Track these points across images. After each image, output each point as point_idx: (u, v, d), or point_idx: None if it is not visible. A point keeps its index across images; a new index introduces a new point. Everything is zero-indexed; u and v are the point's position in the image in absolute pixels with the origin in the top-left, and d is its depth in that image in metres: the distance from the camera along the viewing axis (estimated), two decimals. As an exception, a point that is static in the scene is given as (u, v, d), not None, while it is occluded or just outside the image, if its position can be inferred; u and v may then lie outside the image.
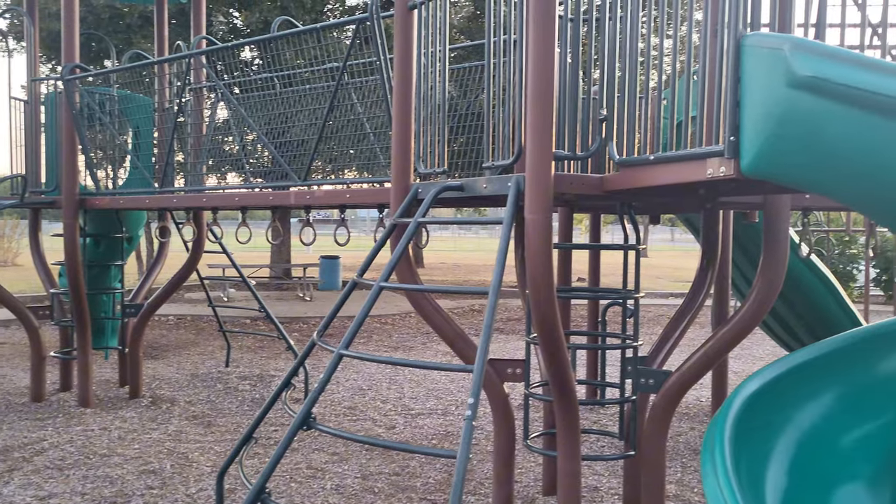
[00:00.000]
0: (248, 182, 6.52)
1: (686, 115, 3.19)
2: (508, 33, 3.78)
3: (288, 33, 5.25)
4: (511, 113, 3.71)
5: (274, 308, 13.24)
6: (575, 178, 3.63)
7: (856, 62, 2.27)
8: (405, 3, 4.31)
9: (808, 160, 2.41)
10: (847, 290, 16.29)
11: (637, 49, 3.40)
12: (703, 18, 3.07)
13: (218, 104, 6.96)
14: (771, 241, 4.06)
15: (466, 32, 15.86)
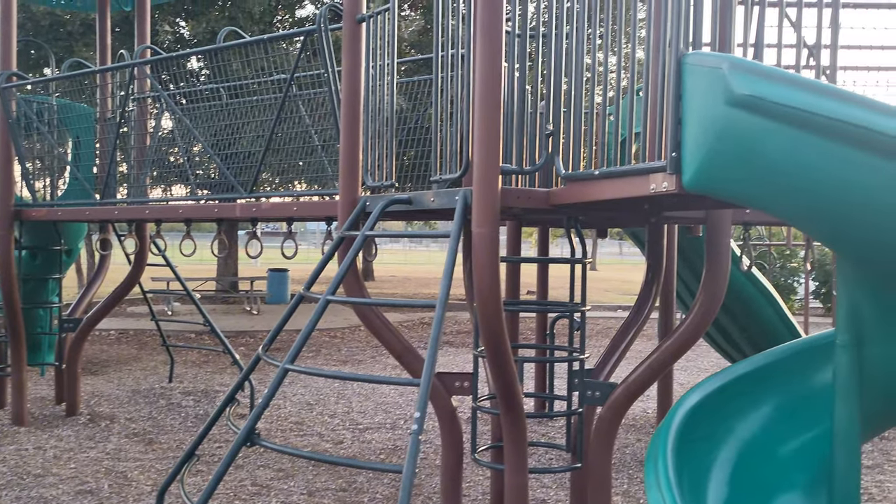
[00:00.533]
0: (193, 194, 6.41)
1: (630, 132, 3.24)
2: (457, 48, 3.80)
3: (235, 44, 5.19)
4: (459, 127, 3.72)
5: (220, 322, 13.02)
6: (522, 192, 3.65)
7: (791, 82, 2.33)
8: (353, 16, 4.31)
9: (746, 176, 2.47)
10: (788, 303, 16.72)
11: (583, 65, 3.44)
12: (647, 37, 3.13)
13: (163, 114, 6.84)
14: (713, 255, 4.14)
15: (417, 46, 15.90)
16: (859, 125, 2.22)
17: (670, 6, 2.84)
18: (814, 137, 2.27)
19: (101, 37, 7.91)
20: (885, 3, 4.66)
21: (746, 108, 2.34)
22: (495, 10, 3.42)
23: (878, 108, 2.26)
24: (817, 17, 3.77)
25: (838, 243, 2.72)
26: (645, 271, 4.74)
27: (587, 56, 3.42)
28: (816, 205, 2.42)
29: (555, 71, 3.59)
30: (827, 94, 2.29)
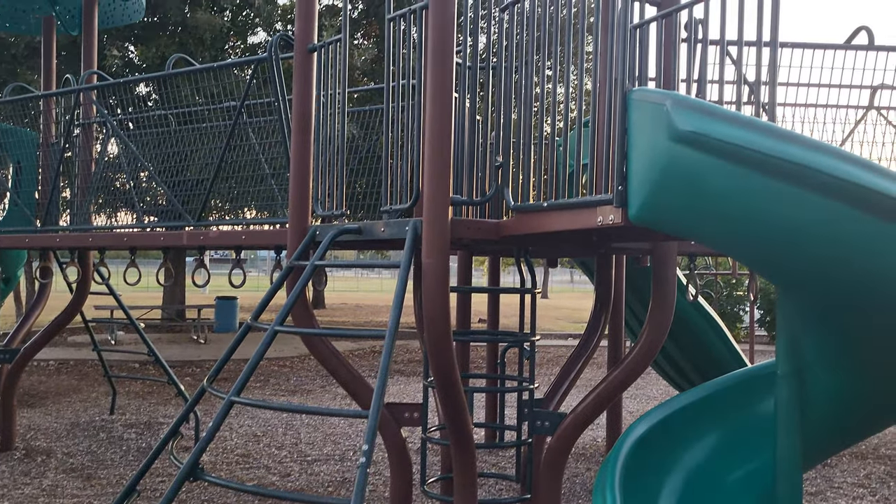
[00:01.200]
0: (139, 220, 6.29)
1: (578, 164, 3.30)
2: (408, 78, 3.83)
3: (184, 71, 5.14)
4: (409, 158, 3.74)
5: (165, 351, 12.74)
6: (472, 223, 3.68)
7: (732, 119, 2.40)
8: (305, 46, 4.31)
9: (689, 210, 2.53)
10: (734, 331, 17.05)
11: (532, 97, 3.50)
12: (594, 72, 3.20)
13: (109, 140, 6.72)
14: (659, 285, 4.20)
15: (370, 74, 15.95)
16: (796, 162, 2.30)
17: (616, 42, 2.91)
18: (753, 173, 2.34)
19: (47, 61, 7.75)
20: (820, 45, 4.85)
21: (689, 144, 2.40)
22: (446, 41, 3.46)
23: (813, 146, 2.34)
24: (756, 56, 3.88)
25: (777, 276, 2.79)
26: (594, 301, 4.79)
27: (536, 87, 3.48)
28: (756, 239, 2.48)
29: (504, 102, 3.64)
30: (765, 131, 2.36)
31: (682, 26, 3.73)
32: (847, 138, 5.11)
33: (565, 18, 3.31)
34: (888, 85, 4.98)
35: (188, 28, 14.11)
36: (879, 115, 5.10)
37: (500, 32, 3.78)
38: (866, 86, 5.00)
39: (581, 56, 3.34)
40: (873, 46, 4.85)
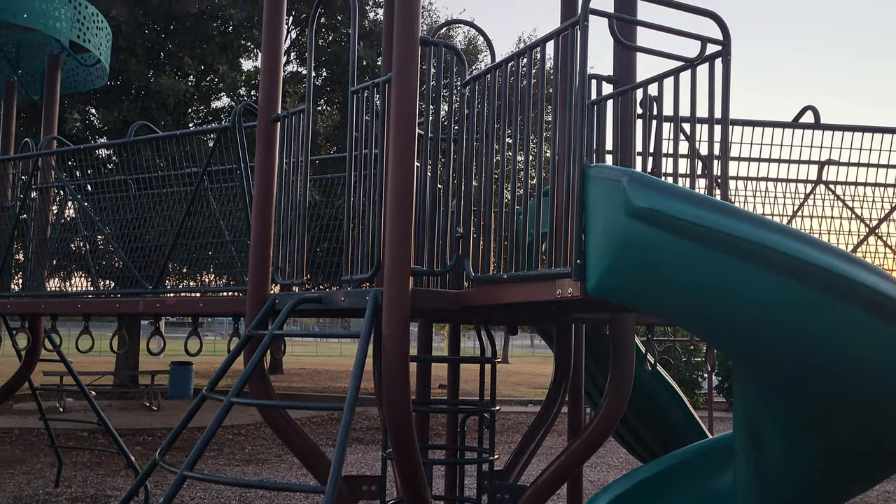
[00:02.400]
0: (95, 285, 6.17)
1: (537, 233, 3.34)
2: (370, 147, 3.87)
3: (146, 139, 5.14)
4: (371, 227, 3.75)
5: (116, 419, 12.36)
6: (432, 293, 3.69)
7: (685, 197, 2.47)
8: (268, 116, 4.34)
9: (645, 284, 2.57)
10: (693, 398, 17.14)
11: (492, 165, 3.56)
12: (552, 147, 3.27)
13: (66, 203, 6.63)
14: (618, 356, 4.23)
15: (333, 140, 16.10)
16: (747, 239, 2.36)
17: (574, 118, 2.98)
18: (705, 250, 2.40)
19: (6, 124, 7.69)
20: (769, 123, 5.05)
21: (644, 220, 2.46)
22: (408, 115, 3.51)
23: (762, 223, 2.42)
24: (709, 132, 4.01)
25: (732, 351, 2.84)
26: (554, 369, 4.80)
27: (497, 155, 3.54)
28: (709, 314, 2.53)
29: (465, 171, 3.70)
30: (718, 209, 2.43)
31: (637, 103, 3.86)
32: (797, 211, 5.26)
33: (525, 89, 3.40)
34: (834, 161, 5.18)
35: (151, 93, 14.14)
36: (828, 188, 5.28)
37: (461, 102, 3.86)
38: (814, 161, 5.20)
39: (540, 126, 3.42)
40: (819, 125, 5.06)
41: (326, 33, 16.88)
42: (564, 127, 3.08)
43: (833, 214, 5.25)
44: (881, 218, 5.24)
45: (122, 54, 13.66)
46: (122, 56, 13.61)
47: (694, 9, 3.11)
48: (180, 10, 14.01)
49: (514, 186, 3.49)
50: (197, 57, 14.91)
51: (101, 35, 6.92)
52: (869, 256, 5.25)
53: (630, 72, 4.11)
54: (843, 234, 5.23)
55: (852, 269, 2.34)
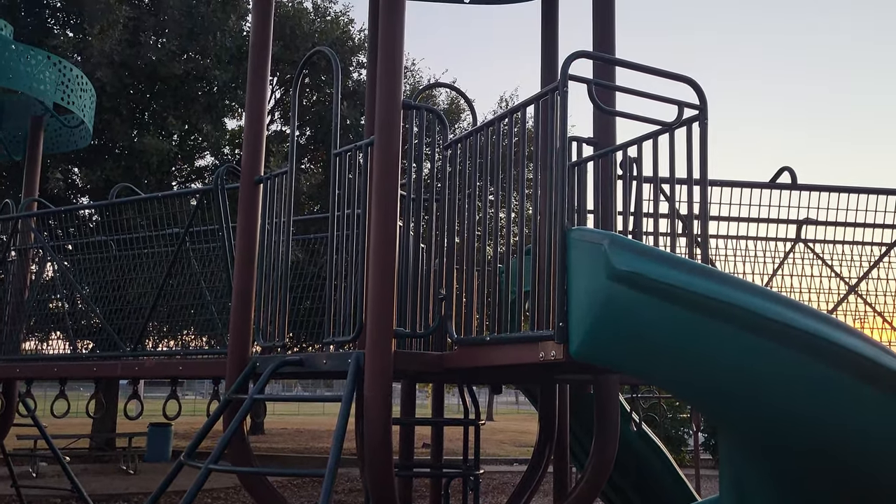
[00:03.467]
0: (72, 345, 6.07)
1: (520, 291, 3.34)
2: (353, 207, 3.87)
3: (128, 200, 5.13)
4: (353, 287, 3.73)
5: (91, 484, 12.03)
6: (415, 356, 3.65)
7: (666, 260, 2.48)
8: (251, 178, 4.36)
9: (628, 347, 2.56)
10: (679, 455, 16.98)
11: (475, 223, 3.57)
12: (533, 210, 3.29)
13: (45, 263, 6.57)
14: (603, 416, 4.19)
15: (316, 198, 16.14)
16: (727, 302, 2.37)
17: (555, 180, 3.00)
18: (687, 312, 2.40)
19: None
20: (747, 183, 5.13)
21: (626, 283, 2.46)
22: (390, 177, 3.53)
23: (741, 286, 2.43)
24: (688, 192, 4.06)
25: (716, 414, 2.82)
26: (538, 430, 4.74)
27: (479, 213, 3.56)
28: (692, 376, 2.52)
29: (447, 231, 3.70)
30: (698, 272, 2.45)
31: (617, 164, 3.91)
32: (777, 270, 5.31)
33: (506, 149, 3.43)
34: (812, 220, 5.25)
35: (135, 152, 14.18)
36: (807, 247, 5.34)
37: (443, 162, 3.89)
38: (793, 220, 5.26)
39: (522, 183, 3.45)
40: (796, 185, 5.14)
41: (310, 93, 17.09)
42: (545, 187, 3.10)
43: (813, 273, 5.30)
44: (860, 276, 5.29)
45: (107, 114, 13.73)
46: (105, 116, 13.68)
47: (671, 74, 3.18)
48: (165, 71, 14.16)
49: (497, 244, 3.50)
50: (181, 117, 15.01)
51: (86, 97, 6.96)
52: (850, 314, 5.29)
53: (610, 133, 4.17)
54: (824, 293, 5.27)
55: (833, 331, 2.35)
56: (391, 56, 3.56)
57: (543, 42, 5.55)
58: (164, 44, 14.39)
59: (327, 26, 16.83)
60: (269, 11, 4.62)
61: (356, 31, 17.45)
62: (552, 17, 5.59)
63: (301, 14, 16.49)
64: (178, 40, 14.47)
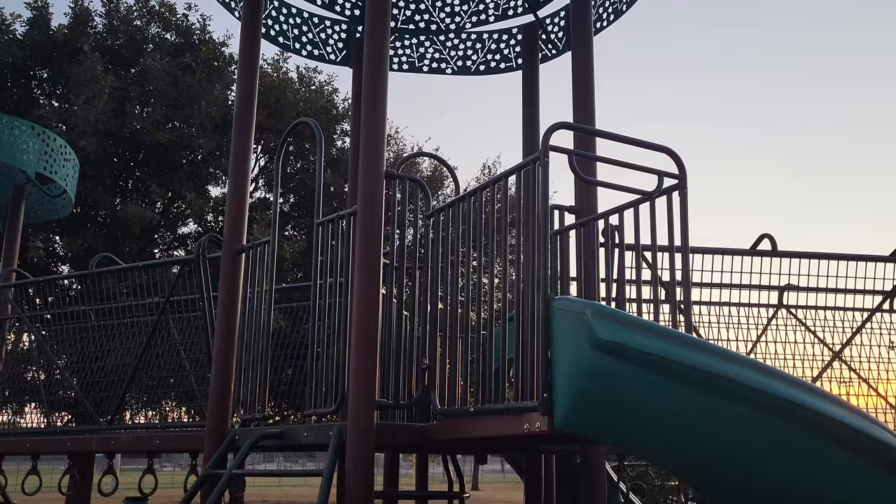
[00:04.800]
0: (47, 418, 5.92)
1: (504, 358, 3.30)
2: (335, 277, 3.85)
3: (109, 270, 5.08)
4: (335, 357, 3.68)
5: (64, 562, 11.53)
6: (398, 427, 3.59)
7: (649, 330, 2.47)
8: (233, 247, 4.34)
9: (612, 418, 2.53)
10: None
11: (458, 294, 3.55)
12: (516, 277, 3.28)
13: (22, 335, 6.45)
14: (589, 488, 4.11)
15: (299, 265, 16.09)
16: (711, 372, 2.35)
17: (538, 249, 3.00)
18: (670, 382, 2.38)
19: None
20: (728, 250, 5.17)
21: (610, 353, 2.44)
22: (373, 247, 3.53)
23: (725, 356, 2.42)
24: (670, 260, 4.07)
25: (701, 484, 2.77)
26: (524, 501, 4.63)
27: (462, 280, 3.54)
28: (677, 448, 2.48)
29: (430, 299, 3.68)
30: (682, 342, 2.43)
31: (599, 231, 3.93)
32: (761, 336, 5.32)
33: (489, 215, 3.44)
34: (794, 286, 5.28)
35: (117, 220, 14.14)
36: (789, 313, 5.36)
37: (425, 232, 3.89)
38: (774, 286, 5.29)
39: (504, 249, 3.45)
40: (777, 252, 5.19)
41: (294, 161, 17.21)
42: (528, 255, 3.10)
43: (796, 339, 5.31)
44: (844, 342, 5.30)
45: (90, 183, 13.73)
46: (89, 184, 13.68)
47: (650, 145, 3.22)
48: (150, 140, 14.24)
49: (480, 309, 3.48)
50: (165, 185, 15.05)
51: (69, 166, 6.96)
52: (834, 381, 5.28)
53: (591, 200, 4.21)
54: (808, 359, 5.27)
55: (817, 401, 2.33)
56: (374, 127, 3.60)
57: (525, 110, 5.65)
58: (149, 113, 14.51)
59: (312, 95, 17.06)
60: (253, 81, 4.68)
61: (340, 99, 17.71)
62: (533, 87, 5.71)
63: (286, 84, 16.73)
64: (164, 109, 14.61)
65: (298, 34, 5.98)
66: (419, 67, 6.26)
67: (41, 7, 15.20)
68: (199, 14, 16.69)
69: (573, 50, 4.56)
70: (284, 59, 17.26)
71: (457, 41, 6.23)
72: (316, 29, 6.04)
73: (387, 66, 3.70)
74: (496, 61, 6.22)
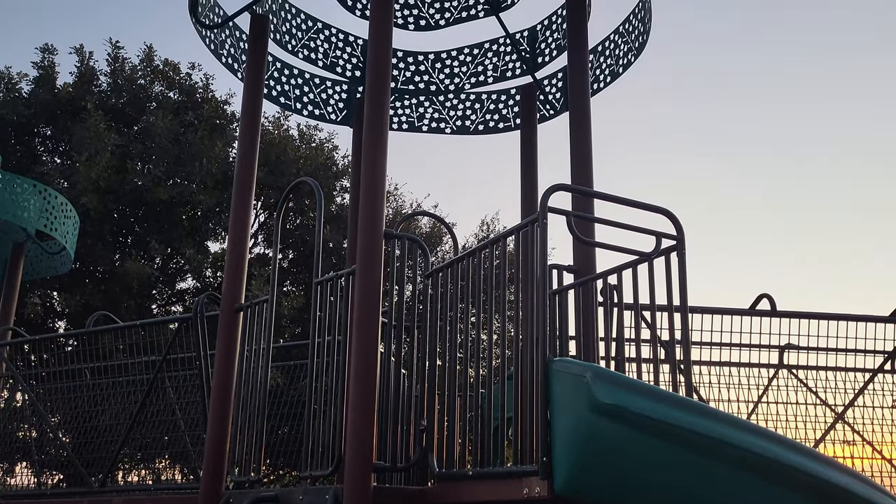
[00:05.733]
0: (38, 478, 5.82)
1: (502, 418, 3.25)
2: (333, 335, 3.83)
3: (106, 329, 5.06)
4: (332, 417, 3.64)
5: None
6: (394, 490, 3.52)
7: (649, 393, 2.45)
8: (232, 306, 4.33)
9: (613, 482, 2.49)
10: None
11: (456, 352, 3.52)
12: (514, 336, 3.27)
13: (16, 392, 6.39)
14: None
15: (297, 321, 16.03)
16: (712, 437, 2.33)
17: (537, 308, 2.99)
18: (671, 446, 2.35)
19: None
20: (728, 310, 5.17)
21: (610, 416, 2.42)
22: (371, 306, 3.51)
23: (725, 419, 2.39)
24: (669, 320, 4.06)
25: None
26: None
27: (460, 337, 3.52)
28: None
29: (429, 357, 3.65)
30: (682, 405, 2.41)
31: (598, 291, 3.93)
32: (762, 397, 5.27)
33: (488, 272, 3.44)
34: (794, 345, 5.25)
35: (116, 276, 14.13)
36: (790, 373, 5.32)
37: (424, 291, 3.89)
38: (774, 346, 5.27)
39: (503, 306, 3.44)
40: (776, 312, 5.17)
41: (294, 217, 17.30)
42: (527, 314, 3.09)
43: (798, 399, 5.26)
44: (846, 404, 5.25)
45: (89, 239, 13.77)
46: (88, 241, 13.72)
47: (648, 206, 3.24)
48: (151, 196, 14.34)
49: (479, 367, 3.45)
50: (164, 241, 15.09)
51: (69, 223, 6.99)
52: (837, 443, 5.21)
53: (590, 259, 4.22)
54: (810, 420, 5.22)
55: (821, 467, 2.30)
56: (373, 188, 3.63)
57: (523, 169, 5.70)
58: (150, 170, 14.64)
59: (312, 152, 17.23)
60: (254, 142, 4.74)
61: (340, 156, 17.88)
62: (531, 147, 5.77)
63: (286, 141, 16.91)
64: (165, 166, 14.74)
65: (300, 94, 6.07)
66: (418, 127, 6.34)
67: (48, 66, 15.46)
68: (203, 73, 16.90)
69: (570, 111, 4.63)
70: (286, 117, 17.48)
71: (456, 101, 6.33)
72: (317, 89, 6.14)
73: (386, 129, 3.75)
74: (495, 121, 6.30)
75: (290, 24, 5.77)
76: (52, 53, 15.57)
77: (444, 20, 6.06)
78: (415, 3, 6.02)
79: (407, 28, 6.08)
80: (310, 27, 5.91)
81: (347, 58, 6.09)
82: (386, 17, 3.92)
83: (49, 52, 15.55)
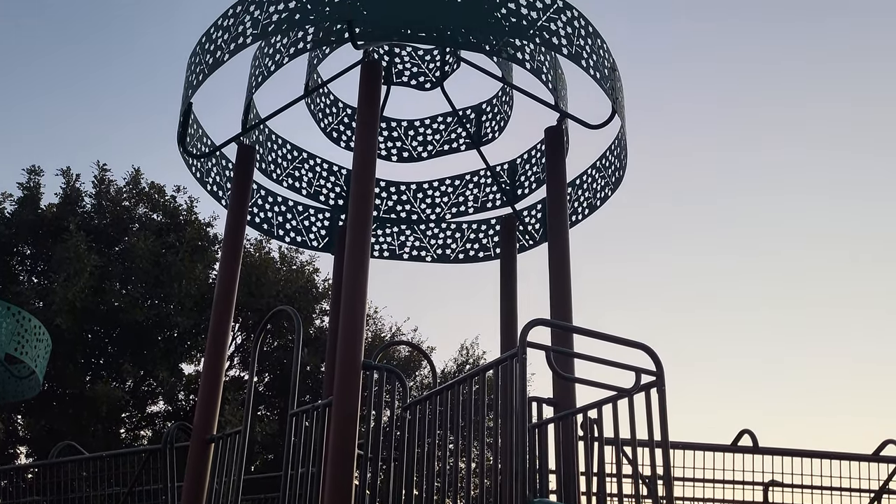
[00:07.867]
0: None
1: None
2: (307, 466, 3.72)
3: (72, 460, 4.88)
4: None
5: None
6: None
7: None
8: (203, 437, 4.21)
9: None
10: None
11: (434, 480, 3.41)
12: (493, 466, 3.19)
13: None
14: None
15: (270, 448, 15.56)
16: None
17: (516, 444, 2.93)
18: None
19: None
20: (709, 446, 5.09)
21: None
22: (348, 436, 3.44)
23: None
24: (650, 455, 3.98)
25: None
26: None
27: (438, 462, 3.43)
28: None
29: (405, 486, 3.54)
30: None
31: (578, 424, 3.87)
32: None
33: (466, 402, 3.38)
34: (777, 482, 5.15)
35: (85, 399, 13.76)
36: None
37: (402, 422, 3.80)
38: (758, 483, 5.16)
39: (482, 434, 3.37)
40: (758, 449, 5.10)
41: (272, 339, 17.12)
42: (506, 448, 3.03)
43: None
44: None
45: (60, 361, 13.48)
46: (59, 363, 13.42)
47: (628, 342, 3.25)
48: (127, 318, 14.18)
49: (457, 496, 3.33)
50: (138, 363, 14.81)
51: (41, 346, 6.86)
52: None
53: (570, 393, 4.17)
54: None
55: None
56: (352, 320, 3.62)
57: (503, 297, 5.72)
58: (129, 290, 14.55)
59: (292, 275, 17.26)
60: (235, 269, 4.75)
61: (321, 280, 17.91)
62: (511, 276, 5.82)
63: (267, 263, 16.96)
64: (143, 287, 14.67)
65: (282, 221, 6.14)
66: (399, 255, 6.40)
67: (33, 187, 15.61)
68: (188, 196, 17.13)
69: (549, 244, 4.70)
70: (267, 241, 17.62)
71: (437, 230, 6.42)
72: (300, 217, 6.22)
73: (367, 262, 3.79)
74: (475, 250, 6.38)
75: (275, 153, 5.92)
76: (38, 175, 15.76)
77: (427, 153, 6.24)
78: (398, 136, 6.21)
79: (390, 159, 6.25)
80: (295, 157, 6.05)
81: (331, 187, 6.21)
82: (370, 150, 4.03)
83: (35, 174, 15.75)
